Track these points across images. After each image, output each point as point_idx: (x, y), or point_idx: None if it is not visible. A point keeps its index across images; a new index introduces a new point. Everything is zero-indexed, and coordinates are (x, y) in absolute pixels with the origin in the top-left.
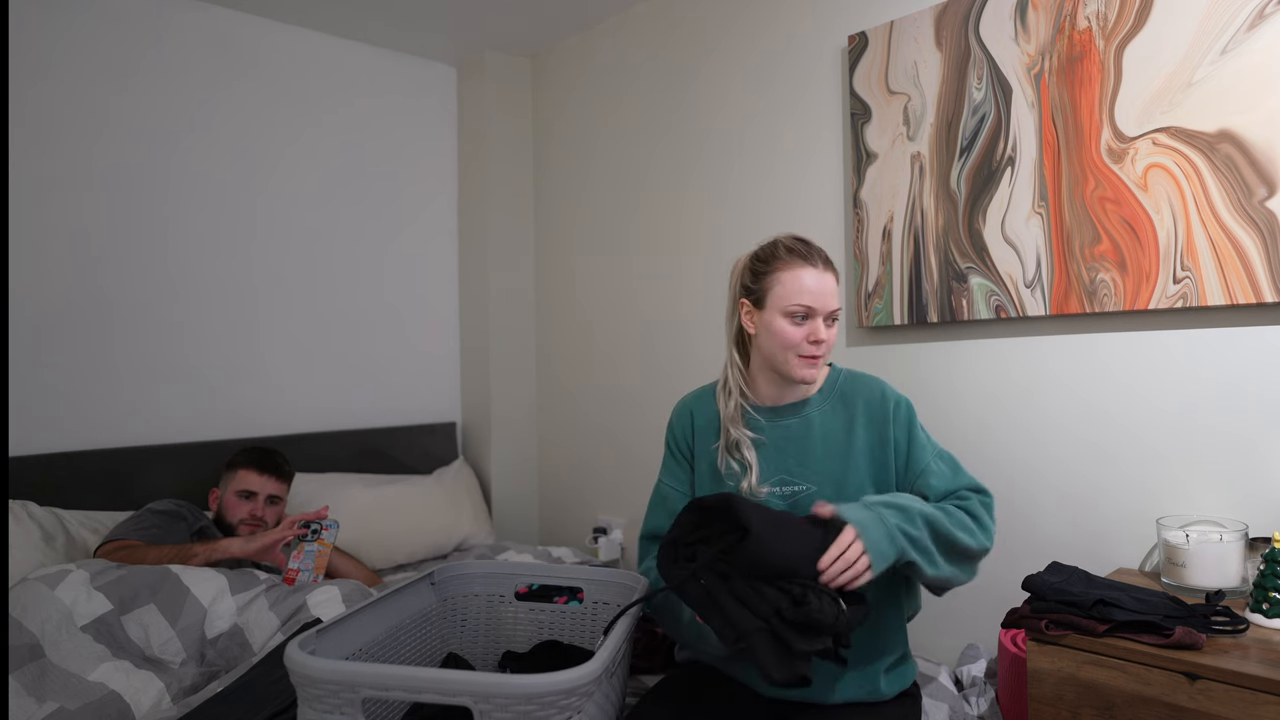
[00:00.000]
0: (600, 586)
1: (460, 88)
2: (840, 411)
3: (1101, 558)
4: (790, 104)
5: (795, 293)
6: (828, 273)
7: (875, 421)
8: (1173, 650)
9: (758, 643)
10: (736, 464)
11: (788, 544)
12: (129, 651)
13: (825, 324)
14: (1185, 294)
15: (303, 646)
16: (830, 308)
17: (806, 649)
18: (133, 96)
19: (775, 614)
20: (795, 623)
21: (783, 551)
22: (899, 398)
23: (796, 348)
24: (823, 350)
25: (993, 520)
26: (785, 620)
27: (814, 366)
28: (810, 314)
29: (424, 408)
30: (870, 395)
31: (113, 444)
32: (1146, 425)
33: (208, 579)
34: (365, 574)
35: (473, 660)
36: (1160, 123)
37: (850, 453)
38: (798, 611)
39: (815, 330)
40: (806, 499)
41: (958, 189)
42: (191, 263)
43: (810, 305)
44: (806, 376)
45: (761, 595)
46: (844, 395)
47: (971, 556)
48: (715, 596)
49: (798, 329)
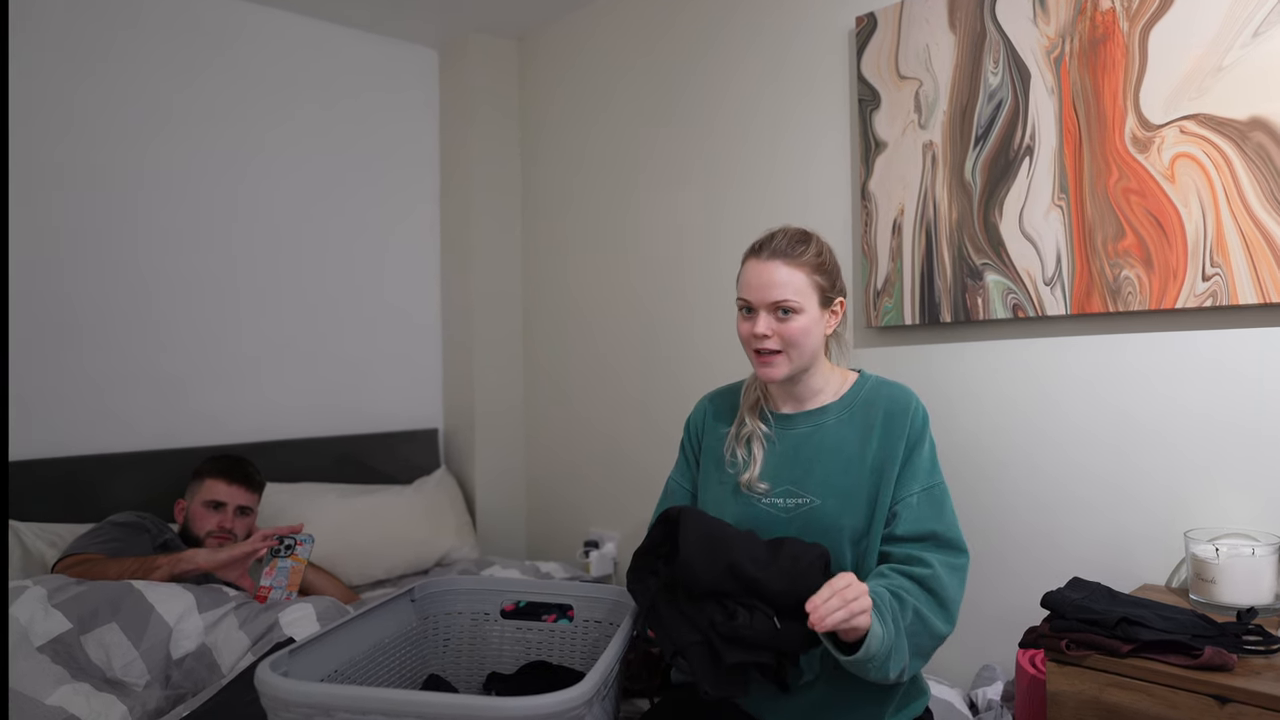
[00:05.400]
0: (592, 604)
1: (442, 73)
2: (858, 421)
3: (1125, 573)
4: (794, 90)
5: (739, 287)
6: (773, 261)
7: (890, 434)
8: (1202, 672)
9: (693, 655)
10: (742, 456)
11: (717, 564)
12: (89, 673)
13: (774, 317)
14: (1215, 292)
15: (275, 668)
16: (770, 299)
17: (736, 661)
18: (99, 84)
19: (710, 626)
20: (725, 636)
21: (710, 572)
22: (919, 409)
23: (747, 343)
24: (774, 344)
25: (960, 591)
26: (719, 634)
27: (770, 365)
28: (752, 308)
29: (403, 413)
30: (892, 406)
31: (73, 451)
32: (1174, 432)
33: (173, 596)
34: (341, 591)
35: (455, 682)
36: (1188, 110)
37: (860, 466)
38: (728, 626)
39: (754, 323)
40: (811, 513)
41: (972, 180)
42: (160, 260)
43: (747, 298)
44: (765, 376)
45: (700, 609)
46: (866, 404)
47: (925, 653)
48: (659, 610)
49: (744, 324)
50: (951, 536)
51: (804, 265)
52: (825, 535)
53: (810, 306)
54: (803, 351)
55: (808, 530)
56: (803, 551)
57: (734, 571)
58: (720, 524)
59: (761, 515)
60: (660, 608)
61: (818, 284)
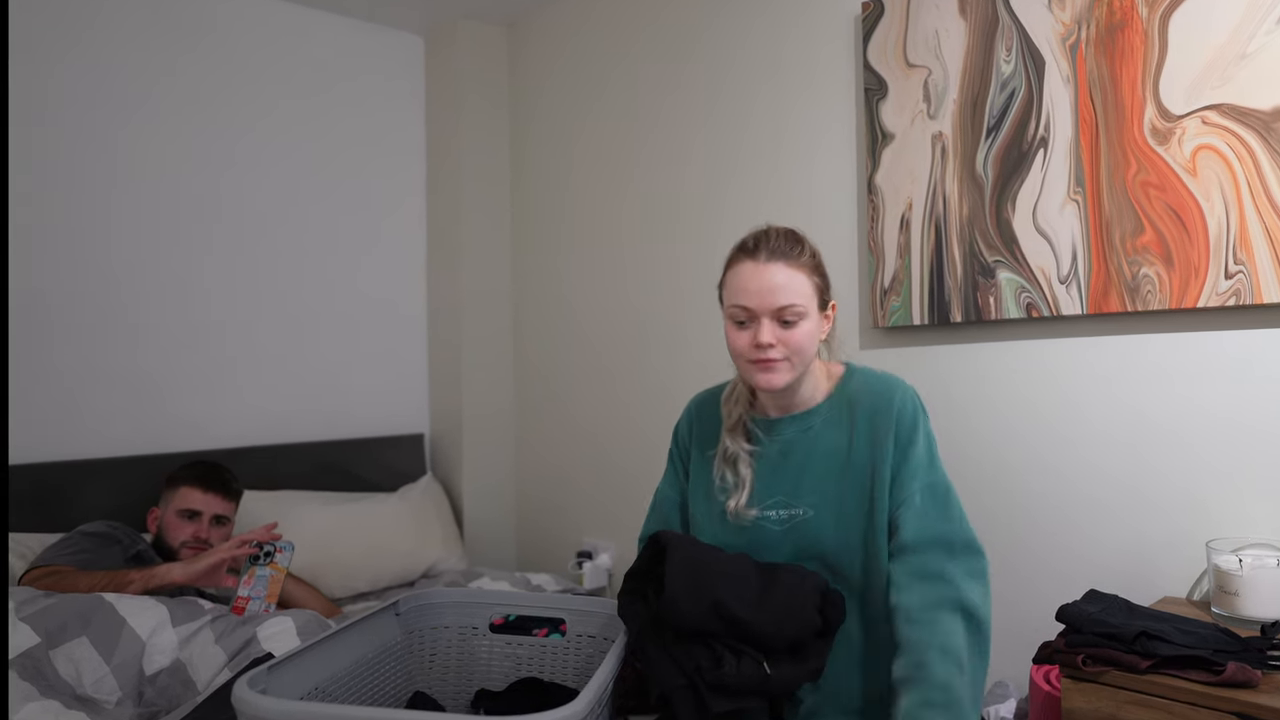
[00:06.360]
0: (585, 618)
1: (429, 60)
2: (844, 420)
3: (1144, 584)
4: (797, 78)
5: (732, 293)
6: (773, 263)
7: (876, 432)
8: (1224, 689)
9: (678, 700)
10: (730, 479)
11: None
12: (58, 690)
13: (778, 324)
14: (1238, 290)
15: (252, 685)
16: (774, 305)
17: (722, 709)
18: (70, 73)
19: (696, 672)
20: (711, 685)
21: (695, 611)
22: (905, 401)
23: (744, 355)
24: (779, 353)
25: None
26: (705, 681)
27: (772, 370)
28: (751, 316)
29: (388, 417)
30: (874, 399)
31: (41, 457)
32: (1196, 436)
33: (146, 608)
34: (322, 603)
35: (442, 700)
36: (1210, 99)
37: (849, 470)
38: (714, 674)
39: (757, 334)
40: (805, 525)
41: (984, 173)
42: (134, 255)
43: (746, 306)
44: (766, 384)
45: (687, 652)
46: (850, 402)
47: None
48: (646, 645)
49: (741, 334)
50: (964, 536)
51: (804, 266)
52: (821, 549)
53: (812, 310)
54: (805, 359)
55: (802, 544)
56: (797, 584)
57: (719, 611)
58: (710, 551)
59: (754, 531)
60: (647, 648)
61: (816, 285)
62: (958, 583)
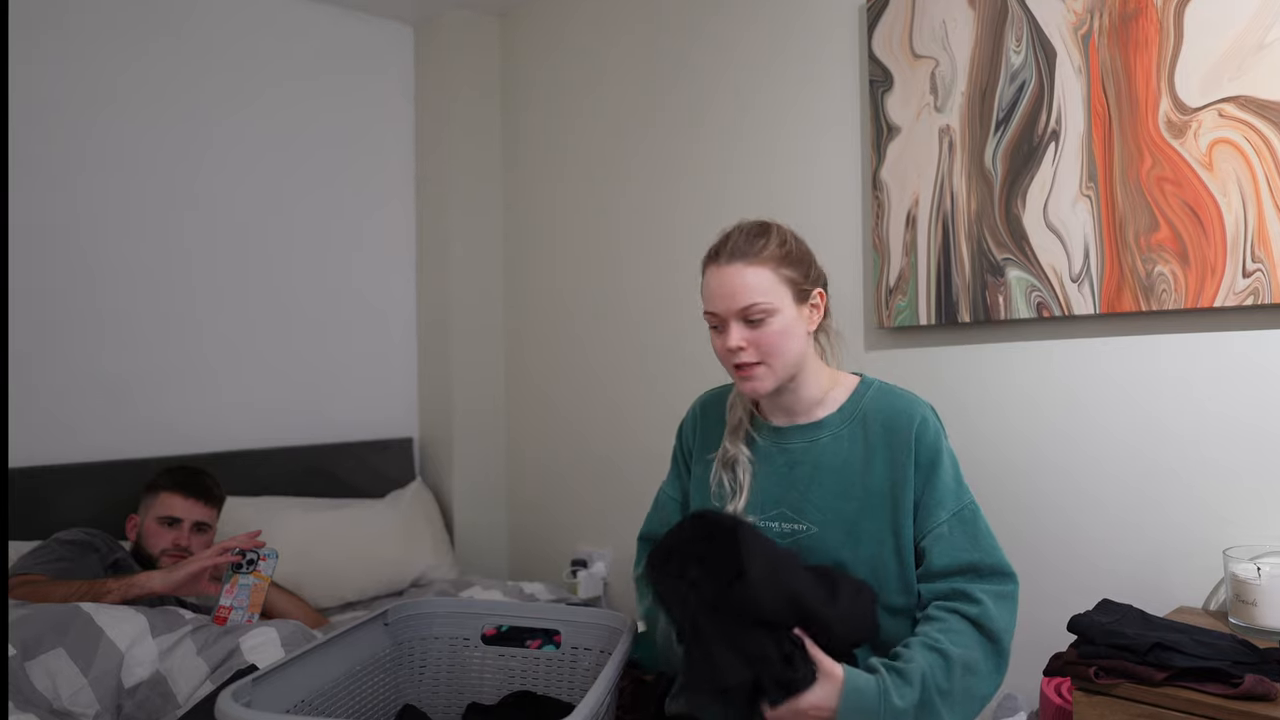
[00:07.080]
0: (580, 628)
1: (418, 52)
2: (859, 437)
3: (1159, 594)
4: (799, 70)
5: (703, 300)
6: (732, 264)
7: (896, 451)
8: (1242, 701)
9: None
10: (728, 483)
11: (780, 593)
12: (34, 703)
13: (746, 325)
14: (1256, 289)
15: (236, 697)
16: (736, 307)
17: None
18: (40, 62)
19: (762, 662)
20: (779, 681)
21: (775, 601)
22: (924, 421)
23: (724, 360)
24: (751, 356)
25: (1012, 625)
26: (773, 678)
27: (752, 378)
28: (720, 320)
29: (375, 420)
30: (893, 418)
31: (14, 463)
32: (1212, 440)
33: (125, 618)
34: (308, 613)
35: (432, 713)
36: (1227, 91)
37: (866, 491)
38: (785, 671)
39: (727, 337)
40: (808, 542)
41: (993, 168)
42: (109, 252)
43: (713, 310)
44: (749, 391)
45: (753, 638)
46: (866, 417)
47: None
48: (701, 632)
49: (716, 340)
50: (993, 562)
51: (767, 260)
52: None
53: (784, 305)
54: (785, 358)
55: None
56: (855, 593)
57: (798, 603)
58: (774, 544)
59: None
60: (704, 633)
61: (787, 278)
62: (985, 603)
